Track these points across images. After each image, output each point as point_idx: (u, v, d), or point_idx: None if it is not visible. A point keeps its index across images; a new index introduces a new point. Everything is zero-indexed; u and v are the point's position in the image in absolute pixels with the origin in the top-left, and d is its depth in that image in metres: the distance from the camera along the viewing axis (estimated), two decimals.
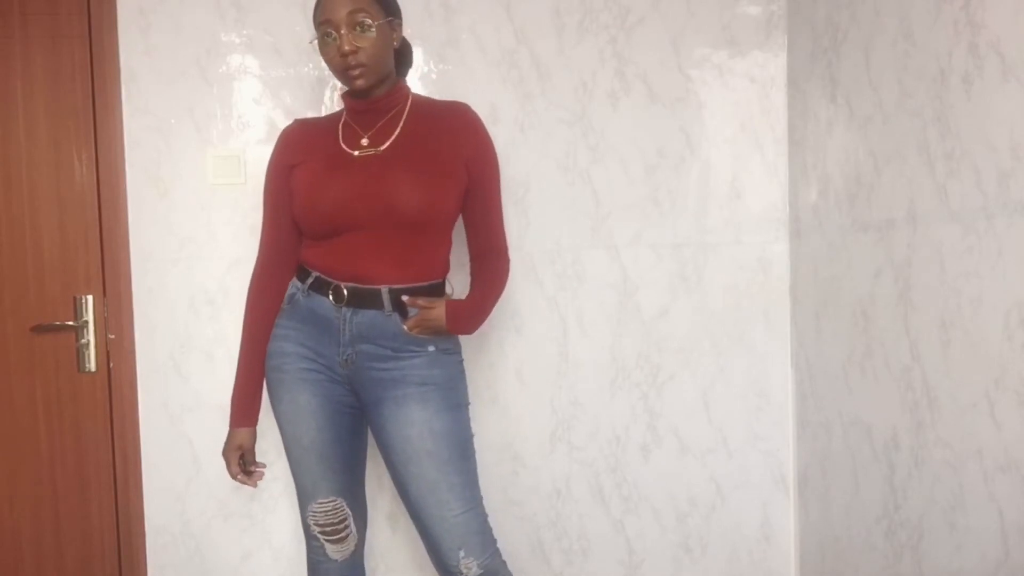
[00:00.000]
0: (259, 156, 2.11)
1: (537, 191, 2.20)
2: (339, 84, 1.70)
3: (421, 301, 1.58)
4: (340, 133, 1.65)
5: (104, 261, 2.09)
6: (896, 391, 1.79)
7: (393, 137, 1.61)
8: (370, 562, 2.09)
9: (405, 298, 1.58)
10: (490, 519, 1.73)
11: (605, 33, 2.20)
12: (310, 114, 2.12)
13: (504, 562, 1.63)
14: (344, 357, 1.59)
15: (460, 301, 1.65)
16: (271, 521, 2.17)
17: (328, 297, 1.58)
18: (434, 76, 2.16)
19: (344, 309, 1.57)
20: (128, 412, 2.11)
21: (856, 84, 1.92)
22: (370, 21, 1.52)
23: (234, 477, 1.69)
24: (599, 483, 2.26)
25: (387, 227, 1.55)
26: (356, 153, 1.60)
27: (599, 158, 2.22)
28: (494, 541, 1.62)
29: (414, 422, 1.54)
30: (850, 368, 1.98)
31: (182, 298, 2.12)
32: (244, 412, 1.69)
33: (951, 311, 1.60)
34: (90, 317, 2.09)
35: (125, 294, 2.09)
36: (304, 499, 1.67)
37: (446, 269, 1.68)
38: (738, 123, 2.25)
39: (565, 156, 2.21)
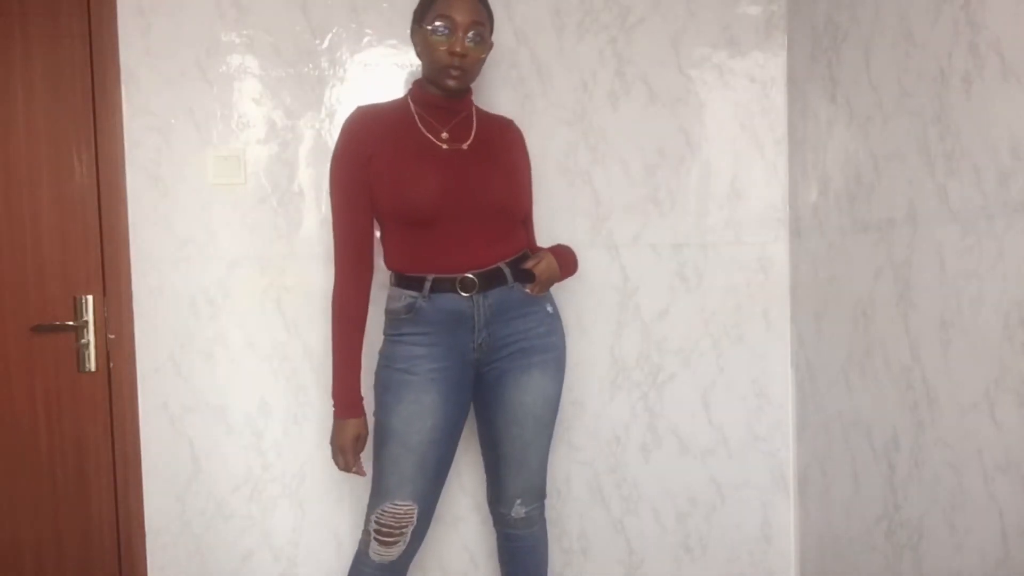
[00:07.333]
0: (259, 156, 2.12)
1: (537, 191, 2.19)
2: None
3: (531, 262, 1.74)
4: (419, 124, 1.71)
5: (104, 261, 2.09)
6: (896, 391, 1.79)
7: (472, 137, 1.74)
8: None
9: (528, 263, 1.73)
10: (490, 519, 1.88)
11: (605, 33, 2.20)
12: (310, 113, 2.12)
13: (544, 515, 1.84)
14: (479, 341, 1.69)
15: (556, 247, 1.85)
16: (271, 521, 2.17)
17: (456, 291, 1.66)
18: None
19: (476, 296, 1.66)
20: (128, 412, 2.11)
21: (856, 84, 1.92)
22: (486, 35, 1.68)
23: (348, 468, 1.69)
24: (599, 483, 2.26)
25: (484, 215, 1.69)
26: (444, 146, 1.70)
27: (599, 158, 2.22)
28: (545, 495, 1.83)
29: (533, 389, 1.73)
30: (850, 368, 1.98)
31: (182, 298, 2.12)
32: (358, 403, 1.69)
33: (951, 311, 1.60)
34: (90, 317, 2.09)
35: (125, 294, 2.09)
36: (378, 498, 1.65)
37: (525, 239, 1.83)
38: (738, 123, 2.26)
39: (565, 156, 2.21)
